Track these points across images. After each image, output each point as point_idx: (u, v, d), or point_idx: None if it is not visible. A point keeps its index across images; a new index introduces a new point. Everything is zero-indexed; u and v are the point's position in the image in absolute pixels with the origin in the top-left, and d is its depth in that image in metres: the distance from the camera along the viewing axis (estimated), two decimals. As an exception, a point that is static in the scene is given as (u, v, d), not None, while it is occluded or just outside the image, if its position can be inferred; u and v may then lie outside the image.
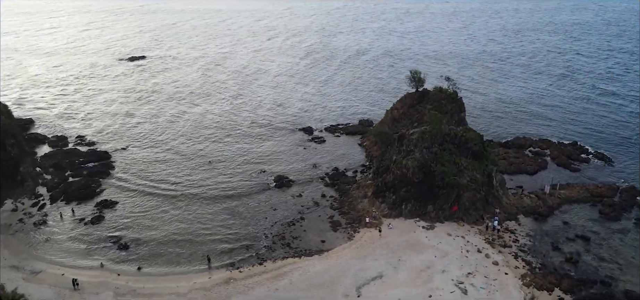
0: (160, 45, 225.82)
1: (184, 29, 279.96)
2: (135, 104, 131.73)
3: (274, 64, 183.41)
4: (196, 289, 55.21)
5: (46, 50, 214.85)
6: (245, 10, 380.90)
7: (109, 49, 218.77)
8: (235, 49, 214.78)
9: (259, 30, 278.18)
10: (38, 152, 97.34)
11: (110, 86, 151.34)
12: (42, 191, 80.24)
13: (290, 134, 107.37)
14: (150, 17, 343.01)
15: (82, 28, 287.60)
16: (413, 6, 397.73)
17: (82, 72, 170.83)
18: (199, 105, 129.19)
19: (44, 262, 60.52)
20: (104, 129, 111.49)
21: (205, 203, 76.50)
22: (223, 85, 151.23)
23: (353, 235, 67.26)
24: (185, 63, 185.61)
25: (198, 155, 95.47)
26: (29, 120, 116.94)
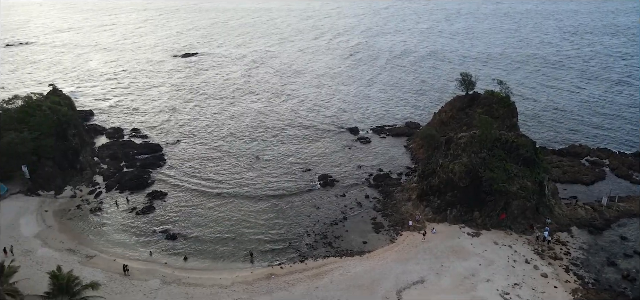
0: (211, 43, 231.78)
1: (234, 27, 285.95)
2: (187, 99, 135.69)
3: (320, 63, 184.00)
4: (238, 282, 56.39)
5: (106, 46, 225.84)
6: (295, 9, 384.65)
7: (163, 45, 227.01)
8: (282, 48, 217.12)
9: (305, 28, 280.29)
10: (96, 142, 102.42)
11: (163, 81, 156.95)
12: (99, 180, 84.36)
13: (335, 134, 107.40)
14: (203, 15, 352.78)
15: (138, 25, 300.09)
16: (464, 7, 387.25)
17: (138, 67, 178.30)
18: (246, 103, 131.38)
19: (98, 248, 63.76)
20: (157, 122, 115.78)
21: (250, 200, 77.73)
22: (269, 84, 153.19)
23: (395, 237, 66.53)
24: (234, 60, 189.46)
25: (244, 154, 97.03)
26: (89, 111, 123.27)
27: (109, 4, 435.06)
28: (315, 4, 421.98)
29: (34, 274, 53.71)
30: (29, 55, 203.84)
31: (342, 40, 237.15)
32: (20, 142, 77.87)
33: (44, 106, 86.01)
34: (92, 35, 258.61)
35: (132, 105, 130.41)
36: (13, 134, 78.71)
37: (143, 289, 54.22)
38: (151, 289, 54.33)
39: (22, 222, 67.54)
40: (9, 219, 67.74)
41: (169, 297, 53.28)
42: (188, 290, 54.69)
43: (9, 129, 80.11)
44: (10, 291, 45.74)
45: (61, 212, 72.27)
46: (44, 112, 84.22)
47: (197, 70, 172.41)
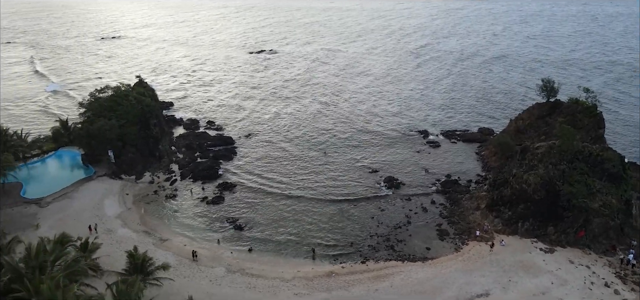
0: (284, 40, 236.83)
1: (307, 25, 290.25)
2: (259, 95, 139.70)
3: (390, 63, 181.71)
4: (299, 277, 57.26)
5: (186, 41, 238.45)
6: (368, 8, 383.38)
7: (238, 41, 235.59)
8: (351, 46, 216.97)
9: (375, 28, 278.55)
10: (174, 132, 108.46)
11: (238, 76, 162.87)
12: (174, 168, 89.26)
13: (403, 137, 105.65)
14: (277, 12, 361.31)
15: (216, 21, 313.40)
16: (545, 8, 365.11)
17: (215, 62, 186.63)
18: (314, 102, 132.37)
19: (171, 232, 67.59)
20: (231, 116, 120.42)
21: (315, 198, 78.30)
22: (337, 83, 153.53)
23: (461, 246, 64.28)
24: (305, 58, 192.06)
25: (311, 152, 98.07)
26: (170, 103, 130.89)
27: (191, 1, 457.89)
28: (388, 3, 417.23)
29: (113, 251, 57.98)
30: (119, 48, 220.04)
31: (411, 40, 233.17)
32: (109, 128, 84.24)
33: (130, 96, 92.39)
34: (174, 31, 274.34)
35: (208, 98, 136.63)
36: (103, 120, 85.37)
37: (209, 275, 56.69)
38: (217, 276, 56.67)
39: (106, 202, 73.16)
40: (95, 199, 73.69)
41: (233, 285, 55.27)
42: (251, 280, 56.40)
43: (100, 115, 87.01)
44: (93, 266, 49.79)
45: (140, 196, 77.37)
46: (130, 102, 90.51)
47: (270, 67, 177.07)
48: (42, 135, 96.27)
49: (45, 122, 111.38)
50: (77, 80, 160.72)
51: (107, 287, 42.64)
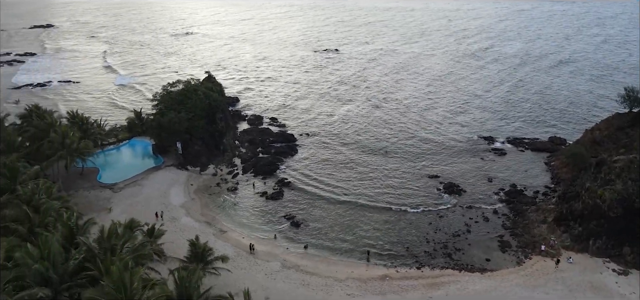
0: (350, 39, 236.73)
1: (373, 25, 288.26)
2: (323, 94, 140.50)
3: (452, 65, 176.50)
4: (353, 278, 57.28)
5: (253, 38, 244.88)
6: (433, 8, 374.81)
7: (304, 39, 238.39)
8: (424, 49, 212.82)
9: (439, 28, 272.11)
10: (238, 127, 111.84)
11: (303, 75, 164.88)
12: (237, 162, 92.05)
13: (467, 143, 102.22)
14: (344, 12, 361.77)
15: (283, 19, 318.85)
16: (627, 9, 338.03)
17: (281, 60, 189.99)
18: (376, 104, 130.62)
19: (231, 224, 69.91)
20: (293, 114, 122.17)
21: (372, 201, 77.51)
22: (399, 85, 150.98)
23: (523, 260, 61.39)
24: (369, 58, 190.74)
25: (371, 153, 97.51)
26: (235, 98, 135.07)
27: (258, 0, 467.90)
28: (454, 3, 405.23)
29: (177, 238, 60.93)
30: (190, 45, 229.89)
31: (475, 42, 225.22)
32: (178, 121, 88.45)
33: (199, 91, 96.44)
34: (241, 28, 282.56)
35: (272, 95, 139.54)
36: (173, 113, 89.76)
37: (265, 268, 58.10)
38: (272, 270, 57.96)
39: (172, 191, 76.97)
40: (162, 188, 77.75)
41: (287, 280, 56.29)
42: (305, 277, 57.16)
43: (171, 108, 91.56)
44: (157, 251, 52.52)
45: (203, 188, 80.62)
46: (198, 96, 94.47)
47: (332, 66, 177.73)
48: (118, 124, 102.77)
49: (112, 114, 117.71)
50: (146, 74, 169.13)
51: (170, 273, 44.81)
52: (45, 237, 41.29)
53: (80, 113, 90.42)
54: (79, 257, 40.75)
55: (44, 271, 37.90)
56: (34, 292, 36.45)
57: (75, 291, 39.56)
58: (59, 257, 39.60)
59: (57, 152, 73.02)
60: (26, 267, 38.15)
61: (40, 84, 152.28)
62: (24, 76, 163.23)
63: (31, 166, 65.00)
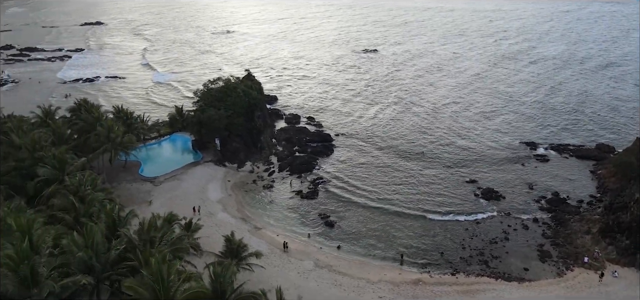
0: (389, 40, 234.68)
1: (412, 25, 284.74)
2: (360, 95, 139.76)
3: (497, 68, 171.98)
4: (385, 280, 56.93)
5: (292, 37, 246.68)
6: (479, 10, 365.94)
7: (343, 39, 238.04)
8: (462, 50, 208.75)
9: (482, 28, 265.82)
10: (276, 125, 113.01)
11: (341, 75, 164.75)
12: (274, 160, 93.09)
13: (508, 148, 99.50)
14: (383, 12, 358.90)
15: (322, 19, 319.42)
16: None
17: (319, 59, 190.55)
18: (413, 106, 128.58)
19: (265, 221, 70.86)
20: (331, 114, 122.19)
21: (407, 204, 76.62)
22: (438, 87, 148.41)
23: (564, 271, 59.26)
24: (408, 59, 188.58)
25: (408, 154, 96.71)
26: (274, 96, 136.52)
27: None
28: (493, 3, 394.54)
29: (213, 233, 62.25)
30: (230, 43, 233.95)
31: (516, 43, 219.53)
32: (218, 118, 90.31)
33: (239, 89, 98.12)
34: (281, 27, 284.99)
35: (310, 95, 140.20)
36: (213, 110, 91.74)
37: (298, 267, 58.58)
38: (305, 269, 58.37)
39: (210, 187, 78.68)
40: (200, 183, 79.62)
41: (319, 280, 56.54)
42: (337, 277, 57.26)
43: (211, 105, 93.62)
44: (194, 245, 53.82)
45: (240, 184, 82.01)
46: (238, 94, 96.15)
47: (370, 66, 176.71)
48: (160, 120, 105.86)
49: (151, 110, 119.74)
50: (183, 72, 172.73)
51: (205, 267, 45.89)
52: (89, 226, 43.09)
53: (125, 108, 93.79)
54: (120, 247, 42.32)
55: (88, 259, 39.59)
56: (78, 279, 38.13)
57: (115, 280, 41.25)
58: (101, 247, 41.26)
59: (102, 145, 76.04)
60: (71, 255, 39.99)
61: (89, 79, 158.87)
62: (72, 71, 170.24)
63: (78, 158, 68.02)
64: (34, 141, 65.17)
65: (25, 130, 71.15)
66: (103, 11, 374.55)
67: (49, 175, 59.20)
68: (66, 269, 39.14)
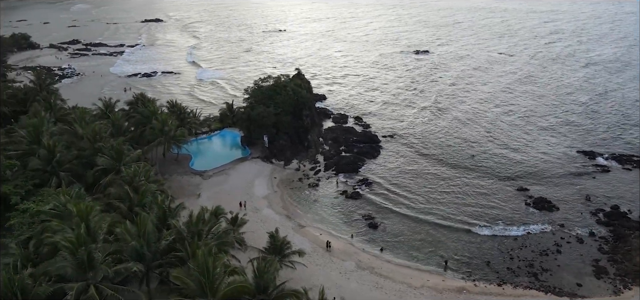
0: (442, 41, 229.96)
1: (468, 26, 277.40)
2: (410, 97, 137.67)
3: (553, 71, 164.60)
4: (428, 286, 56.02)
5: (341, 36, 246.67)
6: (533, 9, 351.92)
7: (393, 39, 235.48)
8: (513, 51, 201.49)
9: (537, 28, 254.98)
10: (324, 124, 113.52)
11: (391, 76, 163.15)
12: (320, 159, 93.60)
13: (564, 156, 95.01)
14: (434, 12, 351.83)
15: (371, 19, 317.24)
16: None
17: (369, 59, 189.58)
18: (466, 110, 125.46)
19: (309, 219, 71.43)
20: (378, 115, 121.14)
21: (454, 213, 74.59)
22: (494, 90, 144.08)
23: (621, 290, 56.03)
24: (465, 62, 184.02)
25: (457, 159, 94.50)
26: (322, 95, 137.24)
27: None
28: (551, 4, 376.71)
29: (257, 229, 63.51)
30: (280, 41, 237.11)
31: (570, 45, 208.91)
32: (267, 115, 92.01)
33: (288, 87, 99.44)
34: (332, 26, 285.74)
35: (359, 95, 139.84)
36: (262, 107, 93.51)
37: (339, 267, 58.69)
38: (346, 269, 58.40)
39: (256, 183, 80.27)
40: (247, 178, 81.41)
41: (361, 281, 56.41)
42: (379, 280, 56.89)
43: (260, 102, 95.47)
44: (239, 239, 55.20)
45: (286, 181, 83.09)
46: (287, 92, 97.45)
47: (421, 68, 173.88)
48: (211, 115, 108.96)
49: (191, 106, 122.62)
50: (228, 69, 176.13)
51: (249, 262, 46.94)
52: (142, 216, 45.11)
53: (178, 103, 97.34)
54: (170, 238, 44.09)
55: (139, 248, 41.51)
56: (130, 266, 40.10)
57: (164, 269, 42.97)
58: (152, 237, 43.10)
59: (156, 138, 79.36)
60: (124, 242, 42.07)
61: (146, 74, 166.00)
62: (130, 66, 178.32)
63: (134, 149, 71.35)
64: (94, 132, 68.90)
65: (87, 121, 75.25)
66: (162, 9, 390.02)
67: (107, 165, 62.53)
68: (119, 256, 41.26)
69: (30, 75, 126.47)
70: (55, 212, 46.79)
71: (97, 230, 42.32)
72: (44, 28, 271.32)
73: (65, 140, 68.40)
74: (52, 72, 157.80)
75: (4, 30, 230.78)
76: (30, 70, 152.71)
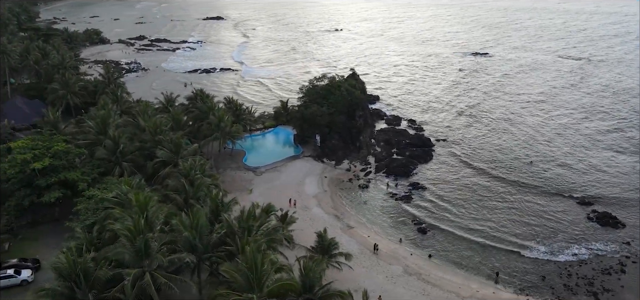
0: (502, 43, 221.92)
1: (533, 29, 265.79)
2: (468, 101, 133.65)
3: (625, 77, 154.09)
4: (477, 298, 54.51)
5: (397, 37, 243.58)
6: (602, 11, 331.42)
7: (450, 41, 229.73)
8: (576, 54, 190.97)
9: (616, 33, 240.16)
10: (376, 126, 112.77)
11: (447, 79, 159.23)
12: (371, 160, 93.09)
13: (632, 170, 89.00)
14: (500, 13, 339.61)
15: (430, 19, 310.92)
16: None
17: (425, 61, 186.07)
18: (525, 118, 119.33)
19: (358, 220, 71.32)
20: (432, 118, 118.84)
21: (507, 223, 71.79)
22: (558, 98, 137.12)
23: (692, 318, 51.96)
24: (527, 67, 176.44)
25: (516, 158, 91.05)
26: (376, 96, 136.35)
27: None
28: (631, 6, 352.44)
29: (306, 227, 64.20)
30: (335, 39, 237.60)
31: None
32: (320, 114, 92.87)
33: (342, 87, 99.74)
34: (389, 26, 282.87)
35: (413, 97, 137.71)
36: (316, 106, 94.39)
37: (386, 271, 58.24)
38: (393, 274, 57.86)
39: (307, 181, 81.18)
40: (298, 176, 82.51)
41: (407, 287, 55.70)
42: (426, 287, 55.95)
43: (314, 102, 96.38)
44: (287, 237, 56.06)
45: (336, 181, 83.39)
46: (341, 93, 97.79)
47: (482, 71, 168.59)
48: (266, 112, 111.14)
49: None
50: (277, 67, 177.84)
51: (296, 260, 47.64)
52: (196, 209, 46.96)
53: (234, 99, 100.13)
54: (221, 232, 45.57)
55: (192, 240, 43.22)
56: (183, 256, 41.89)
57: (214, 262, 44.47)
58: (205, 229, 44.71)
59: (213, 133, 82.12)
60: (178, 233, 43.97)
61: (206, 70, 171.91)
62: (190, 62, 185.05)
63: (191, 143, 74.25)
64: (155, 125, 72.35)
65: (149, 114, 79.19)
66: (224, 6, 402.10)
67: (166, 158, 65.52)
68: (173, 246, 43.17)
69: (100, 69, 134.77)
70: (117, 200, 49.67)
71: (154, 220, 44.46)
72: (114, 24, 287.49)
73: (129, 132, 72.29)
74: (120, 66, 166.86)
75: (78, 25, 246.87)
76: (100, 64, 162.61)
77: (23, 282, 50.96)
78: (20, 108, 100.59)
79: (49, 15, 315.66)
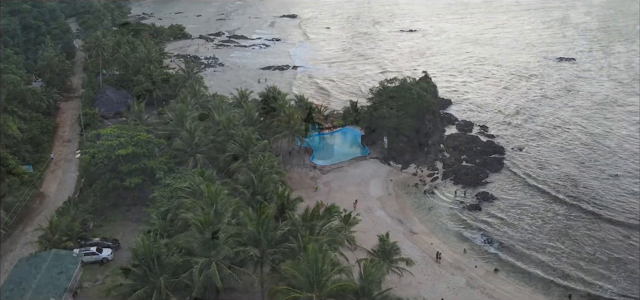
0: (592, 49, 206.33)
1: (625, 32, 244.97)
2: (549, 112, 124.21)
3: None
4: (547, 320, 51.76)
5: (477, 39, 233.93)
6: None
7: (532, 44, 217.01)
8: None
9: None
10: (446, 130, 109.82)
11: (526, 85, 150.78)
12: (439, 166, 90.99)
13: None
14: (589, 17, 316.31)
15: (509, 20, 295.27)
16: None
17: (505, 65, 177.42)
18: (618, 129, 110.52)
19: (422, 227, 70.17)
20: (507, 125, 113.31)
21: (584, 236, 67.70)
22: None
23: None
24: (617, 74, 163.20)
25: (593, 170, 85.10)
26: (448, 100, 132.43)
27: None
28: None
29: (368, 229, 64.23)
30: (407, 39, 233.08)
31: None
32: (389, 116, 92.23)
33: (413, 90, 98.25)
34: (468, 28, 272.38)
35: (488, 103, 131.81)
36: (385, 108, 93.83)
37: (448, 282, 56.89)
38: (455, 285, 56.41)
39: (372, 183, 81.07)
40: (364, 178, 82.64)
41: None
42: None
43: (383, 103, 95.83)
44: (349, 238, 56.37)
45: (401, 185, 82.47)
46: (412, 95, 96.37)
47: (564, 78, 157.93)
48: (335, 112, 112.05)
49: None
50: (343, 69, 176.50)
51: (357, 262, 47.91)
52: (263, 205, 48.67)
53: (305, 98, 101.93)
54: (285, 229, 46.89)
55: (257, 234, 44.87)
56: (248, 250, 43.63)
57: (277, 258, 45.86)
58: (270, 225, 46.23)
59: (282, 130, 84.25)
60: (244, 227, 45.81)
61: (279, 67, 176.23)
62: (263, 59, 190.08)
63: (262, 139, 76.71)
64: (229, 120, 75.59)
65: (224, 109, 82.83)
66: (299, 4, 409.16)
67: (237, 152, 68.34)
68: (239, 239, 45.07)
69: (181, 63, 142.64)
70: (190, 190, 52.68)
71: (223, 212, 46.70)
72: (197, 20, 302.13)
73: (204, 126, 76.11)
74: (199, 61, 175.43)
75: (164, 21, 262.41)
76: (181, 58, 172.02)
77: (103, 260, 55.79)
78: (110, 97, 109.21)
79: (139, 10, 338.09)
